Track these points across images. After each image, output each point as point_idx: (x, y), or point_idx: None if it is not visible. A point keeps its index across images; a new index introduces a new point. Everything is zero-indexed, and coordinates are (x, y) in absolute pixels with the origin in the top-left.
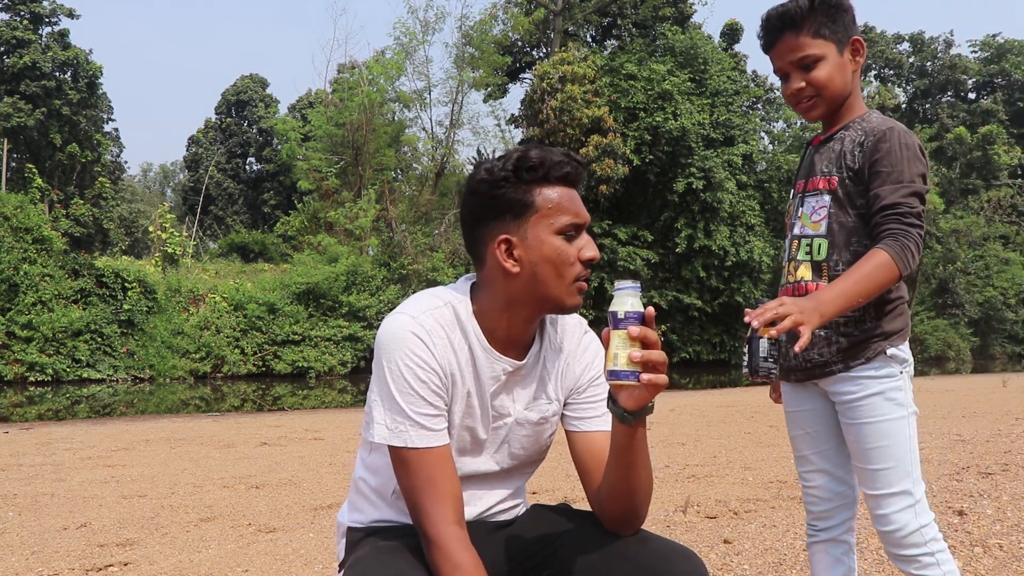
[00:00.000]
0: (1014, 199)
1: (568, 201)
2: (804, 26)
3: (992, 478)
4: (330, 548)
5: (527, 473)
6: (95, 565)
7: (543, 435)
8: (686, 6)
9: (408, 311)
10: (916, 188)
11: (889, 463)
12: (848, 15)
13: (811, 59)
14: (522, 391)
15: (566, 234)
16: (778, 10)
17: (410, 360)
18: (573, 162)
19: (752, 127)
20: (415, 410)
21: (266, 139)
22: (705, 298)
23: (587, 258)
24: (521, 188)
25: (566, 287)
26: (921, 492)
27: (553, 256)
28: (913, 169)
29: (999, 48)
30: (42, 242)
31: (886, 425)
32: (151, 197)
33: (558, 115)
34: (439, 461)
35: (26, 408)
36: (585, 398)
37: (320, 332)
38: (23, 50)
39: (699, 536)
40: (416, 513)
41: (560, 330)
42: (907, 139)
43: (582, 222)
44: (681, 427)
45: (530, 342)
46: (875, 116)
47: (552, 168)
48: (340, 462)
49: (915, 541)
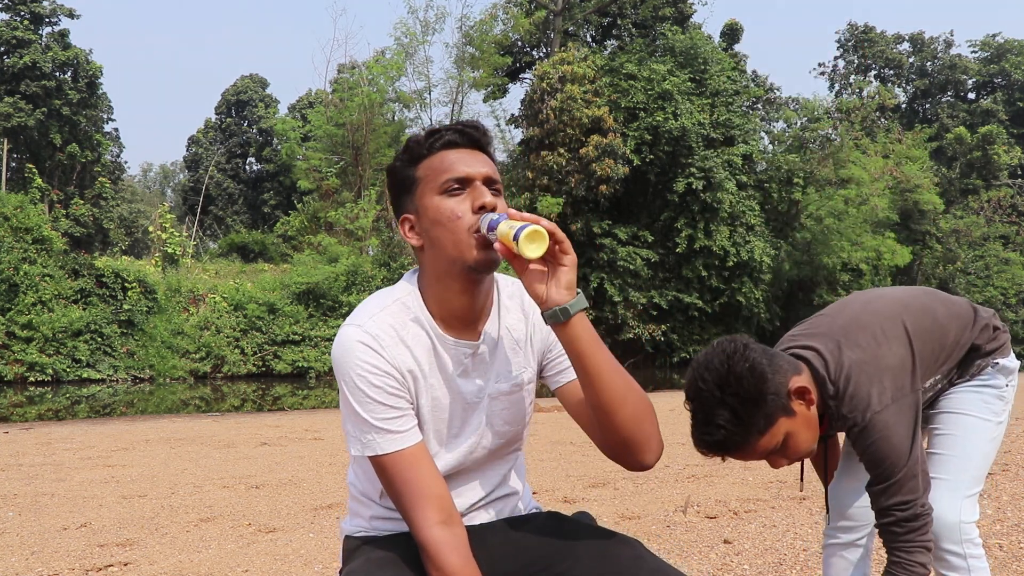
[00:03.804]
0: (1014, 199)
1: (449, 162)
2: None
3: (992, 478)
4: (330, 548)
5: (514, 451)
6: (95, 565)
7: (522, 403)
8: (686, 6)
9: (355, 320)
10: (900, 475)
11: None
12: (762, 407)
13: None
14: (490, 368)
15: (450, 191)
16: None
17: (361, 369)
18: (458, 128)
19: (752, 127)
20: (377, 417)
21: (266, 139)
22: (705, 298)
23: (477, 206)
24: (410, 167)
25: (463, 243)
26: (972, 491)
27: (439, 217)
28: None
29: (999, 48)
30: (42, 242)
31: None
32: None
33: (558, 115)
34: (414, 461)
35: (26, 408)
36: (559, 351)
37: (320, 332)
38: (23, 50)
39: (699, 536)
40: (405, 518)
41: (519, 299)
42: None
43: (462, 175)
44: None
45: (484, 316)
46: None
47: (434, 138)
48: (340, 462)
49: (950, 537)
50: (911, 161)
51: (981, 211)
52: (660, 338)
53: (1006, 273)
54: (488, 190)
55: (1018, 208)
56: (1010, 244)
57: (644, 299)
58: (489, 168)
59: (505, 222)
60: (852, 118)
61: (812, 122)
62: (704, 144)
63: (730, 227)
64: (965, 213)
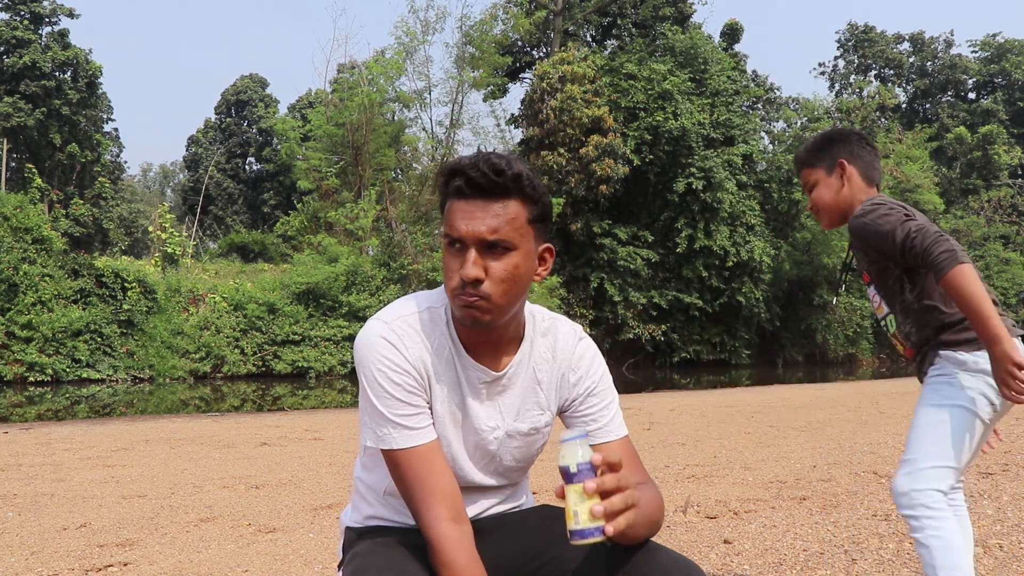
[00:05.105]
0: (1014, 199)
1: (452, 215)
2: (803, 162)
3: (992, 478)
4: (330, 548)
5: (518, 479)
6: (95, 565)
7: (534, 446)
8: (686, 6)
9: (383, 316)
10: (903, 228)
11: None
12: (833, 147)
13: (810, 184)
14: (510, 403)
15: (450, 242)
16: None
17: (382, 364)
18: (470, 174)
19: (752, 127)
20: (395, 412)
21: (266, 139)
22: (706, 298)
23: (460, 275)
24: (442, 198)
25: (451, 299)
26: (928, 464)
27: (442, 263)
28: (885, 226)
29: (999, 48)
30: (42, 242)
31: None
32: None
33: (558, 115)
34: (427, 459)
35: (26, 408)
36: (583, 411)
37: (320, 332)
38: (23, 50)
39: (699, 536)
40: (414, 514)
41: (552, 338)
42: (867, 217)
43: (457, 235)
44: (681, 427)
45: (510, 346)
46: (858, 209)
47: (449, 181)
48: (340, 462)
49: (903, 503)
50: (911, 161)
51: (981, 211)
52: (660, 338)
53: (1006, 273)
54: (480, 256)
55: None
56: (1010, 244)
57: (644, 299)
58: (496, 221)
59: (575, 493)
60: (852, 118)
61: (812, 122)
62: (704, 144)
63: (730, 227)
64: (965, 213)
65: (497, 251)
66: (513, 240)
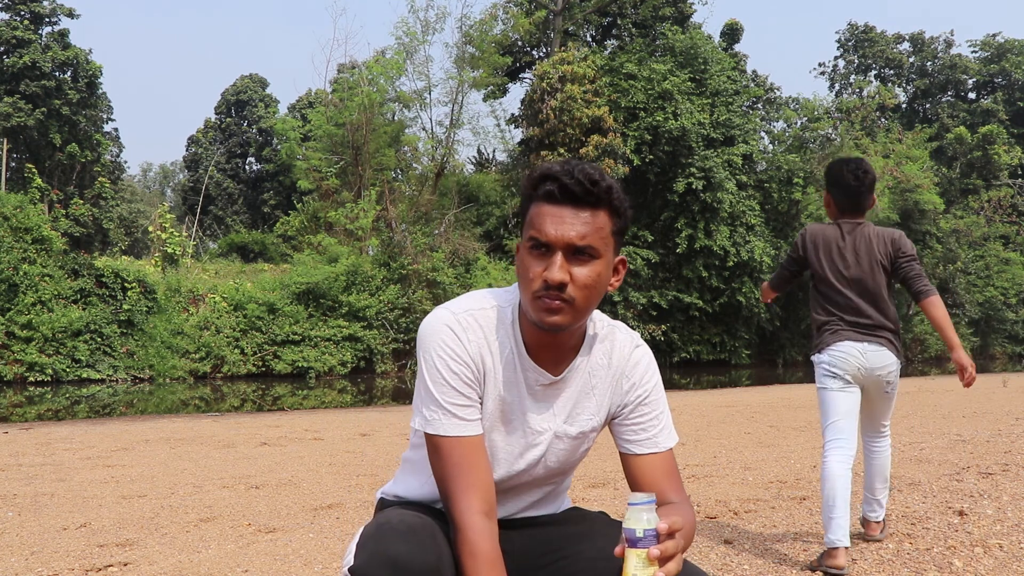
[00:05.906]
0: (1014, 199)
1: (540, 218)
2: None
3: (992, 478)
4: (330, 548)
5: (559, 482)
6: (95, 565)
7: (579, 449)
8: (686, 6)
9: (450, 307)
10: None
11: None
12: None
13: None
14: (562, 405)
15: (534, 246)
16: None
17: (443, 352)
18: (564, 181)
19: (752, 127)
20: (447, 400)
21: (266, 139)
22: (706, 298)
23: (544, 278)
24: (526, 201)
25: (530, 300)
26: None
27: (520, 267)
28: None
29: (999, 48)
30: (42, 242)
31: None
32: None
33: (558, 115)
34: (471, 451)
35: (26, 408)
36: (634, 420)
37: (320, 332)
38: (23, 50)
39: (699, 536)
40: (445, 500)
41: (609, 344)
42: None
43: (544, 239)
44: (681, 427)
45: (569, 354)
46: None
47: (539, 183)
48: (340, 462)
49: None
50: (911, 161)
51: (981, 211)
52: (660, 338)
53: (1006, 273)
54: (566, 261)
55: (1018, 208)
56: (1010, 244)
57: (644, 299)
58: (586, 228)
59: (637, 558)
60: (852, 118)
61: (812, 122)
62: (704, 144)
63: (730, 227)
64: (965, 213)
65: (583, 258)
66: (599, 248)
